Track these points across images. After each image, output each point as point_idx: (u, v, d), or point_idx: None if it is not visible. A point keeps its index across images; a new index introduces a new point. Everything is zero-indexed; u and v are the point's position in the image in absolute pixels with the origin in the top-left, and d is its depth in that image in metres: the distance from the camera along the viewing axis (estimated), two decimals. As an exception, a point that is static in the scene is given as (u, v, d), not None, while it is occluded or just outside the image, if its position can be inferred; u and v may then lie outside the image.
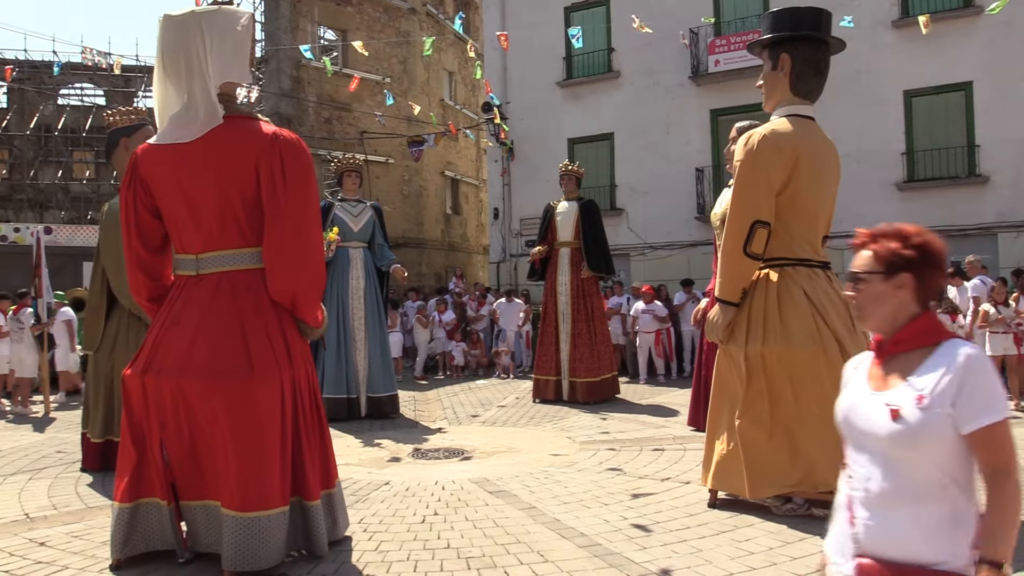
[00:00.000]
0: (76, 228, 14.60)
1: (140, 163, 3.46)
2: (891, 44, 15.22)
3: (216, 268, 3.41)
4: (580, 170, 9.61)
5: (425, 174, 24.04)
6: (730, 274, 4.24)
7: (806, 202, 4.23)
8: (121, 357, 5.47)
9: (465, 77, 26.66)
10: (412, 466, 5.71)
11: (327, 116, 21.65)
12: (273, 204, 3.33)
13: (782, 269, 4.24)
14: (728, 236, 4.22)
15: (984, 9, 13.99)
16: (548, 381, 9.15)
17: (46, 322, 9.48)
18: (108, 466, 5.63)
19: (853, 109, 14.76)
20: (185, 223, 3.42)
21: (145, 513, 3.38)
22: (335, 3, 22.04)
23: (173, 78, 3.40)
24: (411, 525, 4.08)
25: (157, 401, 3.33)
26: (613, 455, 5.84)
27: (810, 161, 4.19)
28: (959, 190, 14.70)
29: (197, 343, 3.30)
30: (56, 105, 23.15)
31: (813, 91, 4.36)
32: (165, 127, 3.44)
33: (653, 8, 16.99)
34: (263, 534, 3.21)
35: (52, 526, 4.21)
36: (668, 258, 17.07)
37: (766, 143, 4.13)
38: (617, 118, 17.95)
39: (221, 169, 3.33)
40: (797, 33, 4.29)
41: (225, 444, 3.26)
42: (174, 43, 3.36)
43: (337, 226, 8.03)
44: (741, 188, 4.19)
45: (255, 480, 3.23)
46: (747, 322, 4.20)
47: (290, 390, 3.37)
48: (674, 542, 3.69)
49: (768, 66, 4.40)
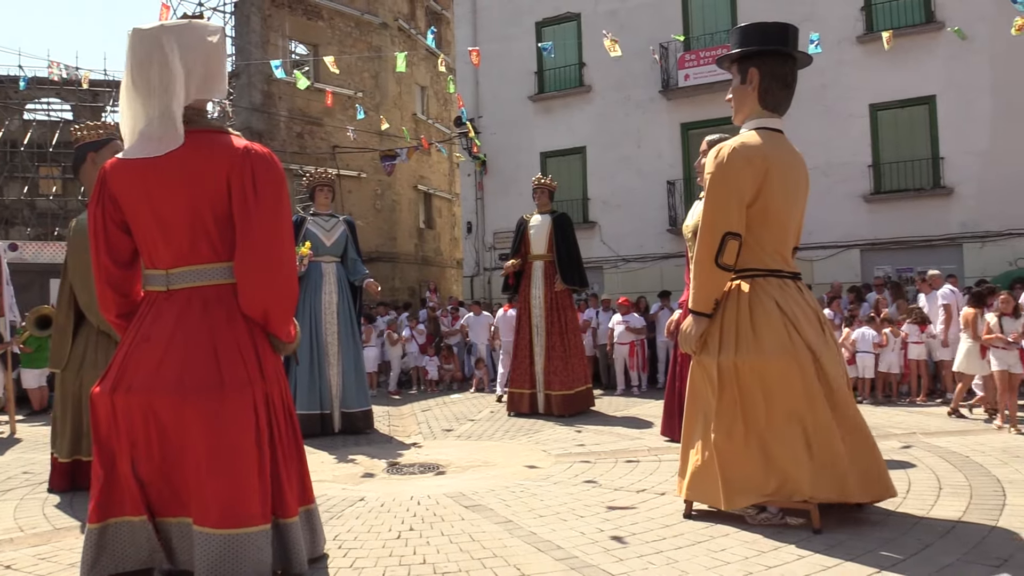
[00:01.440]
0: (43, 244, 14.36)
1: (109, 178, 3.41)
2: (856, 59, 15.51)
3: (187, 283, 3.36)
4: (553, 183, 9.64)
5: (398, 188, 24.02)
6: (702, 285, 4.27)
7: (776, 214, 4.28)
8: (89, 375, 5.39)
9: (437, 91, 26.71)
10: (387, 481, 5.67)
11: (299, 130, 21.57)
12: (244, 218, 3.28)
13: (753, 280, 4.28)
14: (700, 248, 4.26)
15: (945, 25, 14.33)
16: (523, 394, 9.14)
17: (9, 341, 9.31)
18: (76, 486, 5.55)
19: (820, 122, 15.00)
20: (155, 238, 3.37)
21: (114, 533, 3.31)
22: (306, 18, 22.01)
23: (142, 92, 3.35)
24: (386, 541, 4.04)
25: (127, 419, 3.28)
26: (588, 467, 5.84)
27: (780, 173, 4.24)
28: (924, 202, 14.97)
29: (167, 359, 3.26)
30: (22, 120, 22.85)
31: (781, 104, 4.43)
32: (134, 142, 3.39)
33: (624, 23, 17.19)
34: (240, 552, 3.16)
35: (18, 548, 4.12)
36: (641, 270, 17.19)
37: (736, 156, 4.19)
38: (589, 132, 18.09)
39: (191, 184, 3.29)
40: (765, 48, 4.36)
41: (198, 461, 3.22)
42: (142, 57, 3.33)
43: (309, 241, 7.99)
44: (712, 200, 4.24)
45: (230, 497, 3.18)
46: (720, 333, 4.23)
47: (263, 406, 3.33)
48: (650, 553, 3.69)
49: (737, 80, 4.47)
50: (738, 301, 4.24)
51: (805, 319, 4.18)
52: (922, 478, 5.09)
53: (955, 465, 5.49)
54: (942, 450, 6.09)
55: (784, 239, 4.38)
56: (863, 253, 15.49)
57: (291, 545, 3.37)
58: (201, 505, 3.21)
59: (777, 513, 4.13)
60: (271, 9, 21.17)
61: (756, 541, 3.82)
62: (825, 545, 3.70)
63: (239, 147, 3.35)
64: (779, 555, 3.60)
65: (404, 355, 13.66)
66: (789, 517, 4.09)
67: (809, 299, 4.39)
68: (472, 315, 13.98)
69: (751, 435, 4.09)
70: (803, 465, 3.97)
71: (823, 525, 3.93)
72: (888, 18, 15.29)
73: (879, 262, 15.27)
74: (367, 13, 23.24)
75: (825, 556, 3.55)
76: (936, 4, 14.92)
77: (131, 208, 3.38)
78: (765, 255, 4.30)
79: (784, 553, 3.62)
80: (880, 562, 3.45)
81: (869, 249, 15.46)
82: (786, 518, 4.10)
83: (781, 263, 4.34)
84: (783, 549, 3.68)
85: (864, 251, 15.49)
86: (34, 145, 22.13)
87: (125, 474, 3.30)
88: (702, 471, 4.23)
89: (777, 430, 4.05)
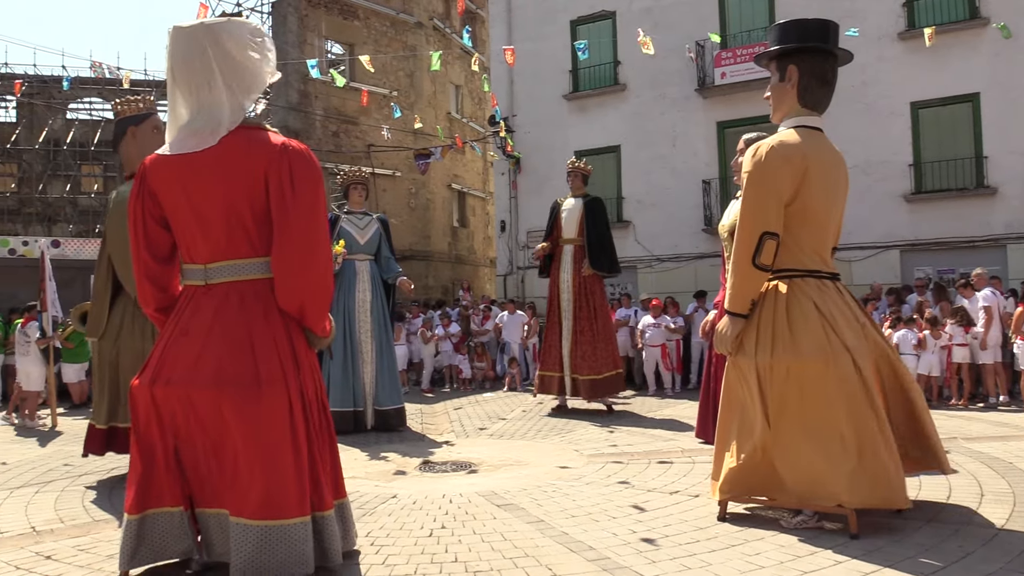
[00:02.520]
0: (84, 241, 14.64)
1: (148, 174, 3.45)
2: (897, 56, 15.24)
3: (225, 278, 3.40)
4: (587, 167, 9.58)
5: (432, 187, 24.10)
6: (739, 286, 4.22)
7: (815, 213, 4.21)
8: (126, 343, 5.51)
9: (472, 90, 26.76)
10: (419, 479, 5.68)
11: (334, 129, 21.75)
12: (282, 214, 3.32)
13: (791, 280, 4.21)
14: (737, 248, 4.21)
15: (990, 21, 14.01)
16: (552, 377, 9.20)
17: (51, 336, 9.50)
18: (113, 450, 5.69)
19: (860, 121, 14.75)
20: (193, 233, 3.41)
21: (152, 524, 3.36)
22: (342, 17, 22.18)
23: (183, 89, 3.40)
24: (419, 539, 4.05)
25: (168, 410, 3.33)
26: (621, 468, 5.80)
27: (819, 172, 4.17)
28: (967, 202, 14.67)
29: (205, 353, 3.30)
30: (65, 119, 23.33)
31: (821, 102, 4.35)
32: (175, 137, 3.44)
33: (659, 21, 17.07)
34: (277, 544, 3.19)
35: (59, 539, 4.20)
36: (675, 270, 17.06)
37: (774, 154, 4.12)
38: (624, 131, 18.00)
39: (229, 179, 3.33)
40: (804, 45, 4.29)
41: (235, 453, 3.26)
42: (184, 54, 3.37)
43: (344, 239, 8.04)
44: (750, 200, 4.18)
45: (266, 489, 3.21)
46: (756, 333, 4.17)
47: (298, 400, 3.36)
48: (683, 556, 3.65)
49: (775, 78, 4.40)
50: (775, 302, 4.18)
51: (844, 320, 4.11)
52: (963, 484, 4.98)
53: (998, 471, 5.37)
54: (984, 456, 5.95)
55: (823, 239, 4.31)
56: (903, 254, 15.22)
57: (327, 538, 3.39)
58: (238, 496, 3.25)
59: (812, 516, 4.07)
60: (308, 9, 21.36)
61: (791, 545, 3.77)
62: (862, 551, 3.63)
63: (277, 143, 3.38)
64: (815, 560, 3.55)
65: (437, 353, 13.71)
66: (826, 522, 4.03)
67: (848, 300, 4.31)
68: (506, 314, 13.98)
69: (786, 436, 4.04)
70: (839, 469, 3.90)
71: (860, 530, 3.86)
72: (930, 14, 14.99)
73: (920, 263, 14.98)
74: (402, 12, 23.36)
75: (862, 562, 3.48)
76: (980, 0, 14.61)
77: (170, 203, 3.42)
78: (803, 255, 4.23)
79: (820, 558, 3.56)
80: (919, 569, 3.38)
81: (909, 250, 15.19)
82: (822, 521, 4.04)
83: (820, 263, 4.27)
84: (819, 554, 3.62)
85: (904, 252, 15.22)
86: (76, 144, 22.57)
87: (165, 465, 3.35)
88: (736, 472, 4.19)
89: (812, 432, 3.98)
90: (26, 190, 22.53)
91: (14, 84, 18.58)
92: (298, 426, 3.34)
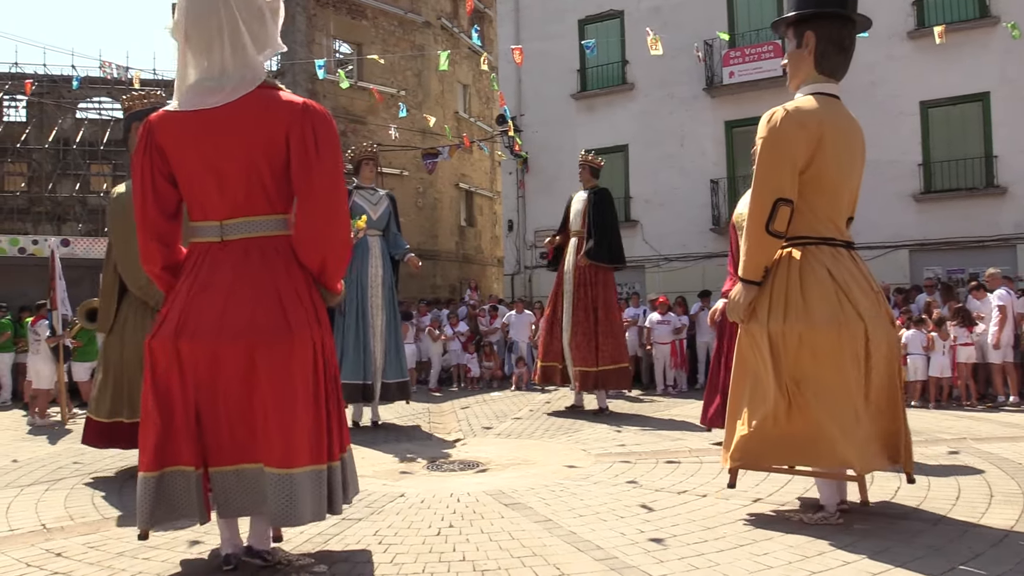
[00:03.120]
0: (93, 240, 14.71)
1: (156, 129, 3.42)
2: (907, 55, 15.18)
3: (242, 234, 3.42)
4: (597, 160, 9.59)
5: (439, 186, 24.12)
6: (752, 252, 4.19)
7: (830, 180, 4.17)
8: (132, 339, 5.55)
9: (480, 89, 26.76)
10: (427, 478, 5.69)
11: (342, 129, 21.74)
12: (306, 173, 3.38)
13: (805, 248, 4.17)
14: (751, 214, 4.17)
15: (1000, 20, 13.94)
16: (555, 368, 9.31)
17: (61, 334, 9.55)
18: (117, 445, 5.72)
19: (869, 120, 14.54)
20: (208, 190, 3.41)
21: (171, 482, 3.34)
22: (350, 17, 22.21)
23: (198, 46, 3.37)
24: (426, 537, 4.06)
25: (192, 365, 3.32)
26: (628, 468, 5.80)
27: (835, 139, 4.14)
28: (977, 201, 14.60)
29: (232, 306, 3.32)
30: (74, 119, 23.42)
31: (838, 69, 4.31)
32: (186, 94, 3.39)
33: (668, 20, 17.04)
34: (308, 489, 3.29)
35: (69, 537, 4.22)
36: (683, 270, 17.03)
37: (789, 120, 4.09)
38: (631, 130, 17.98)
39: (249, 136, 3.35)
40: (823, 10, 4.26)
41: (266, 405, 3.29)
42: (200, 10, 3.34)
43: (364, 214, 8.10)
44: (764, 165, 4.14)
45: (297, 437, 3.29)
46: (769, 301, 4.15)
47: (320, 351, 3.45)
48: (691, 556, 3.65)
49: (792, 44, 4.35)
50: (788, 268, 4.15)
51: (858, 288, 4.08)
52: (972, 485, 4.96)
53: (1007, 472, 5.34)
54: (994, 456, 5.93)
55: (838, 207, 4.26)
56: (912, 254, 15.16)
57: (334, 487, 3.48)
58: (269, 447, 3.30)
59: (834, 513, 4.10)
60: (316, 8, 21.40)
61: (800, 546, 3.76)
62: (871, 551, 3.62)
63: (298, 103, 3.42)
64: (823, 560, 3.54)
65: (445, 352, 13.72)
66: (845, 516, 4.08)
67: (863, 268, 4.27)
68: (514, 313, 13.99)
69: (798, 402, 4.04)
70: (849, 433, 3.90)
71: (869, 531, 3.86)
72: (940, 13, 14.93)
73: (929, 263, 14.93)
74: (410, 12, 23.37)
75: (872, 562, 3.47)
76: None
77: (180, 159, 3.40)
78: (818, 223, 4.19)
79: (829, 559, 3.55)
80: (929, 570, 3.36)
81: (918, 250, 15.13)
82: (842, 518, 4.06)
83: (834, 231, 4.23)
84: (828, 555, 3.61)
85: (913, 251, 15.16)
86: (86, 143, 22.67)
87: (184, 422, 3.34)
88: (748, 440, 4.18)
89: (824, 398, 3.97)
90: (36, 189, 22.65)
91: (25, 84, 18.66)
92: (319, 376, 3.43)
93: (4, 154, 22.44)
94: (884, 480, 5.05)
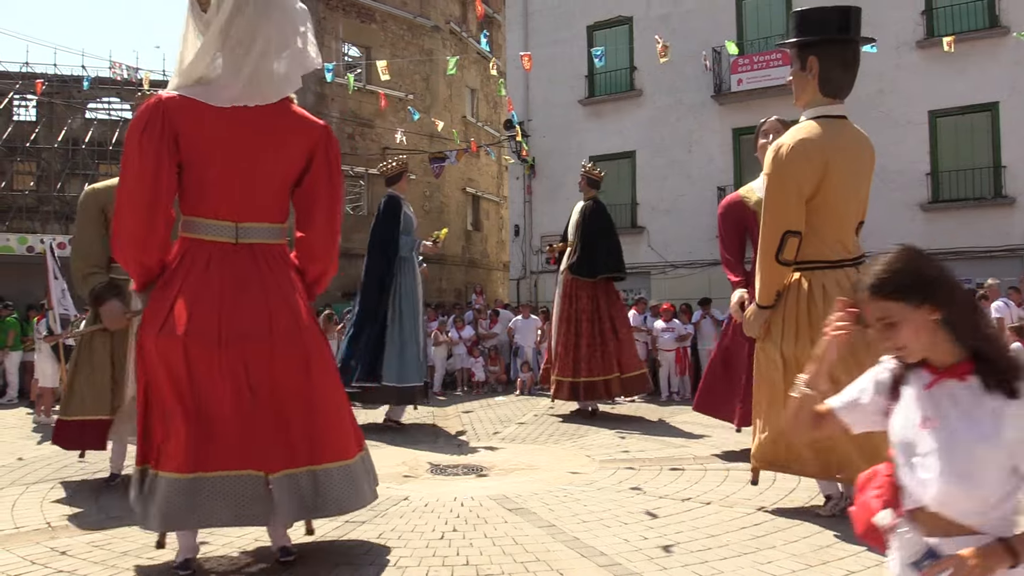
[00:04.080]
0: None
1: (172, 114, 3.29)
2: (916, 64, 15.14)
3: (256, 239, 3.48)
4: (594, 171, 9.63)
5: (446, 190, 24.14)
6: (764, 280, 4.44)
7: (835, 205, 4.35)
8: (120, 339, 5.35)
9: (487, 94, 26.79)
10: (431, 482, 5.69)
11: (350, 132, 21.82)
12: (328, 192, 3.65)
13: (812, 273, 4.39)
14: (762, 245, 4.40)
15: (1010, 30, 13.92)
16: (547, 371, 9.68)
17: (60, 333, 9.58)
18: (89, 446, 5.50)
19: (877, 129, 14.59)
20: (230, 189, 3.40)
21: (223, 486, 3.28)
22: (360, 20, 22.27)
23: (238, 45, 3.33)
24: (430, 541, 4.06)
25: (243, 367, 3.30)
26: (633, 474, 5.79)
27: (839, 165, 4.26)
28: (985, 211, 14.55)
29: (270, 308, 3.41)
30: (84, 119, 23.50)
31: (843, 88, 4.40)
32: (213, 88, 3.34)
33: (676, 27, 17.03)
34: (361, 476, 3.58)
35: (73, 535, 4.24)
36: (688, 277, 17.00)
37: (795, 154, 4.22)
38: (639, 136, 17.96)
39: (283, 145, 3.48)
40: (824, 37, 4.30)
41: (311, 401, 3.42)
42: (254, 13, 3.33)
43: (408, 223, 8.41)
44: (771, 199, 4.33)
45: (348, 428, 3.58)
46: (782, 323, 4.40)
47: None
48: (695, 563, 3.65)
49: (796, 66, 4.41)
50: (798, 293, 4.38)
51: None
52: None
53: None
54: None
55: (844, 227, 4.44)
56: (919, 263, 15.11)
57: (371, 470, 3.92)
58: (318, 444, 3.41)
59: (842, 495, 4.35)
60: (325, 11, 21.46)
61: (803, 555, 3.75)
62: (876, 560, 3.60)
63: (320, 124, 3.68)
64: (826, 569, 3.54)
65: (450, 356, 13.72)
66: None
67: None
68: (520, 318, 13.97)
69: None
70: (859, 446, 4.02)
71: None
72: (950, 23, 14.90)
73: (936, 273, 14.88)
74: (419, 16, 23.42)
75: (876, 571, 3.46)
76: (1001, 8, 14.50)
77: (200, 152, 3.34)
78: (825, 246, 4.37)
79: (832, 568, 3.55)
80: (933, 581, 3.36)
81: (925, 259, 15.08)
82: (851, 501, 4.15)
83: (842, 251, 4.40)
84: (832, 564, 3.61)
85: (920, 261, 15.11)
86: (95, 143, 22.73)
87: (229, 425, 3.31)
88: (766, 444, 4.45)
89: None
90: (44, 188, 22.72)
91: (35, 83, 18.74)
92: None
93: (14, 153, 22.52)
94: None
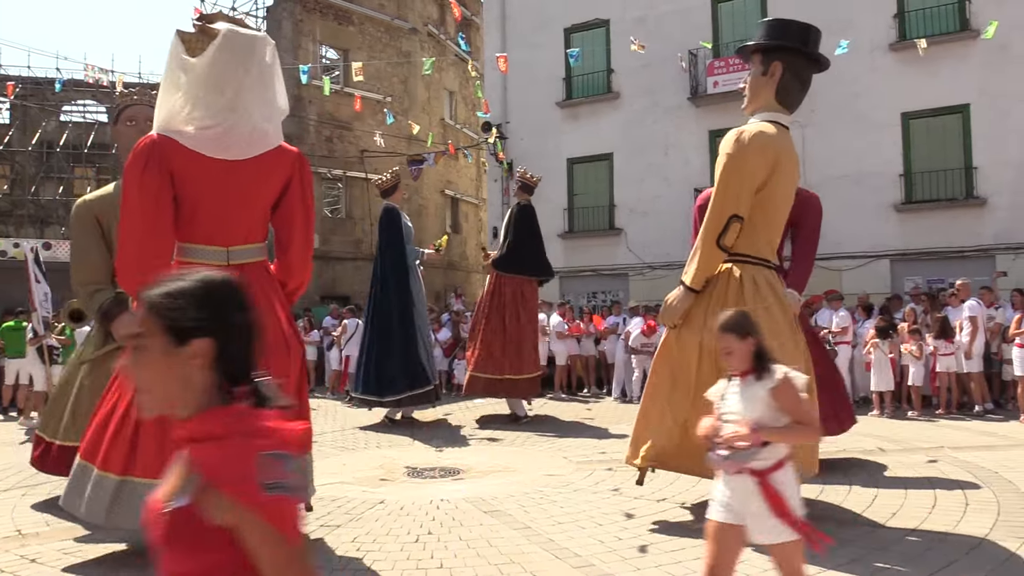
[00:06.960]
0: (75, 244, 14.59)
1: (167, 155, 3.64)
2: (888, 67, 15.31)
3: (244, 260, 3.87)
4: (527, 175, 10.06)
5: (425, 192, 24.11)
6: (702, 263, 4.38)
7: (775, 204, 4.42)
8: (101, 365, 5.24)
9: (466, 96, 26.79)
10: (407, 484, 5.69)
11: (328, 134, 21.74)
12: (304, 216, 4.02)
13: (744, 267, 4.39)
14: (706, 225, 4.38)
15: (980, 33, 14.12)
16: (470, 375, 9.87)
17: (43, 334, 9.51)
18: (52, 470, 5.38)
19: (851, 131, 14.81)
20: (224, 219, 3.80)
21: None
22: (337, 23, 22.20)
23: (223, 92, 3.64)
24: (404, 544, 4.06)
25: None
26: (609, 475, 5.82)
27: (786, 167, 4.38)
28: (957, 212, 14.73)
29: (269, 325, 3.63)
30: (58, 121, 23.24)
31: (795, 103, 4.57)
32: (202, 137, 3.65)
33: (652, 30, 17.12)
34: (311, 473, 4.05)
35: (44, 543, 4.19)
36: (666, 278, 17.08)
37: (755, 141, 4.32)
38: (616, 138, 18.03)
39: (266, 179, 3.87)
40: (793, 44, 4.41)
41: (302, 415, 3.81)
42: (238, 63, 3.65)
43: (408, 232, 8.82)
44: (725, 182, 4.33)
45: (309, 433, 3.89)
46: (705, 311, 4.27)
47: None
48: (669, 563, 3.67)
49: (758, 70, 4.52)
50: (728, 282, 4.36)
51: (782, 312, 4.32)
52: (948, 493, 5.01)
53: (983, 480, 5.40)
54: (970, 465, 5.99)
55: (774, 229, 4.51)
56: (893, 264, 15.27)
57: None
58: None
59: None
60: (302, 14, 21.38)
61: (776, 553, 3.78)
62: (847, 559, 3.65)
63: (293, 151, 4.03)
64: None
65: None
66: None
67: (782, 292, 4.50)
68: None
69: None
70: None
71: (845, 540, 3.88)
72: (922, 26, 15.09)
73: (909, 273, 15.04)
74: (397, 18, 23.38)
75: (844, 572, 3.50)
76: (971, 11, 14.71)
77: (193, 192, 3.74)
78: (759, 243, 4.41)
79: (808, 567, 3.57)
80: (902, 578, 3.40)
81: (899, 260, 15.24)
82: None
83: (769, 253, 4.46)
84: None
85: (894, 262, 15.27)
86: (70, 146, 22.49)
87: None
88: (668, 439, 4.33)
89: None
90: (18, 192, 22.45)
91: (7, 86, 18.52)
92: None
93: (-14, 156, 22.30)
94: (862, 490, 5.09)
